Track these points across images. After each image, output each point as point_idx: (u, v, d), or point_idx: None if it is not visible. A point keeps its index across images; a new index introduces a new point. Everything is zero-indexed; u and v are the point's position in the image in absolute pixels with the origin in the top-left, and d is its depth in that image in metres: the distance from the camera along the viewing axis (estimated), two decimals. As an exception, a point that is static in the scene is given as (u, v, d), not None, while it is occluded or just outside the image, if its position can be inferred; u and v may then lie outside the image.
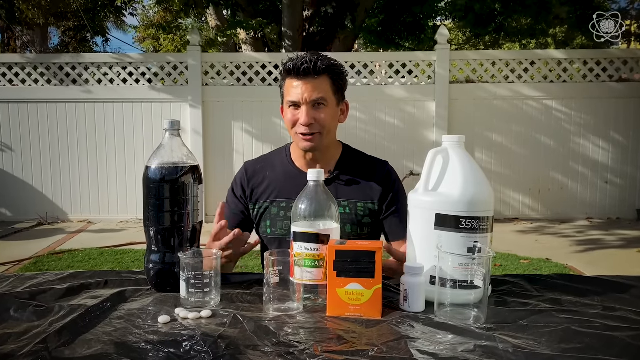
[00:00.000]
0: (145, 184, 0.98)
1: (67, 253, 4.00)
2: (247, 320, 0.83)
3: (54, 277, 1.07)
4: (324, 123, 1.29)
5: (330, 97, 1.30)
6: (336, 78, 1.31)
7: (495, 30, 7.45)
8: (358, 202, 1.32)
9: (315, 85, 1.27)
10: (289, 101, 1.30)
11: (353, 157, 1.40)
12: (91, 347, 0.74)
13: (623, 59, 5.27)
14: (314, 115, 1.28)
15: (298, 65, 1.27)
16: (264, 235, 1.37)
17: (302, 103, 1.27)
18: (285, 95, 1.33)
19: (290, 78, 1.30)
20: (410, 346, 0.74)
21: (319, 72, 1.27)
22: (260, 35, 6.27)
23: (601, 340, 0.76)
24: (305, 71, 1.26)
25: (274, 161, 1.42)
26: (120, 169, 5.37)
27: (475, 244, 0.89)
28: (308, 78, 1.27)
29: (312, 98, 1.27)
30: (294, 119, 1.29)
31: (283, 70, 1.32)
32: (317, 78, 1.27)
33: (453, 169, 0.94)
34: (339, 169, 1.36)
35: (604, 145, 5.33)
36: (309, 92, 1.27)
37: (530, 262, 3.72)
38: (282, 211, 1.34)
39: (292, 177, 1.36)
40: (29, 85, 5.32)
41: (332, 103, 1.31)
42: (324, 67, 1.27)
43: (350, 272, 0.87)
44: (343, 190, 1.34)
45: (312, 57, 1.28)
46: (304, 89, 1.27)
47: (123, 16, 8.18)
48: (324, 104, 1.29)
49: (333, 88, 1.31)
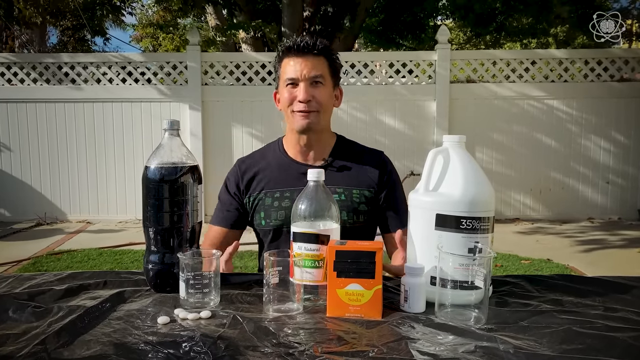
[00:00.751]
0: (144, 184, 0.98)
1: (66, 253, 4.00)
2: (247, 321, 0.83)
3: (53, 277, 1.07)
4: (321, 101, 1.28)
5: (328, 78, 1.30)
6: (333, 61, 1.32)
7: (496, 29, 7.44)
8: (353, 189, 1.31)
9: (314, 63, 1.27)
10: (287, 79, 1.29)
11: (348, 146, 1.40)
12: (90, 348, 0.74)
13: (624, 58, 5.27)
14: (312, 93, 1.27)
15: (298, 43, 1.27)
16: (258, 227, 1.35)
17: (301, 80, 1.27)
18: (282, 74, 1.31)
19: (288, 57, 1.29)
20: (411, 347, 0.74)
21: (319, 50, 1.28)
22: (260, 34, 6.27)
23: (602, 341, 0.76)
24: (304, 47, 1.26)
25: (266, 153, 1.41)
26: (120, 169, 5.37)
27: (476, 244, 0.89)
28: (307, 55, 1.27)
29: (310, 74, 1.26)
30: (291, 96, 1.28)
31: (281, 51, 1.31)
32: (316, 56, 1.28)
33: (454, 169, 0.93)
34: (333, 157, 1.35)
35: (605, 145, 5.32)
36: (308, 69, 1.26)
37: (531, 262, 3.71)
38: (276, 201, 1.32)
39: (285, 167, 1.35)
40: (27, 85, 5.31)
41: (329, 84, 1.31)
42: (322, 47, 1.28)
43: (350, 272, 0.86)
44: (337, 177, 1.32)
45: (312, 37, 1.29)
46: (302, 65, 1.27)
47: (122, 15, 8.17)
48: (322, 83, 1.28)
49: (330, 70, 1.31)
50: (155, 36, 11.07)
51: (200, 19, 9.26)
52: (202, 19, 9.21)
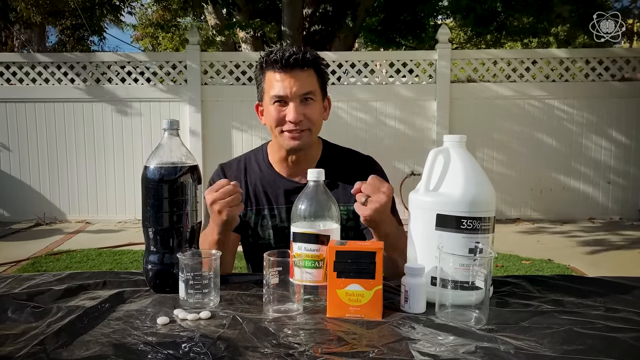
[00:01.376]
0: (143, 184, 0.98)
1: (65, 254, 3.99)
2: (247, 322, 0.83)
3: (52, 277, 1.07)
4: (313, 119, 1.20)
5: (318, 92, 1.22)
6: (321, 72, 1.23)
7: (497, 29, 7.44)
8: (340, 205, 1.19)
9: (304, 79, 1.18)
10: (273, 96, 1.19)
11: (334, 155, 1.31)
12: (89, 349, 0.74)
13: (626, 58, 5.26)
14: (303, 111, 1.19)
15: (285, 56, 1.16)
16: (245, 245, 1.30)
17: (290, 98, 1.18)
18: (266, 90, 1.22)
19: (274, 71, 1.19)
20: (411, 347, 0.74)
21: (307, 64, 1.18)
22: (260, 34, 6.26)
23: (603, 342, 0.76)
24: (294, 63, 1.16)
25: (251, 165, 1.32)
26: (119, 169, 5.36)
27: (477, 244, 0.89)
28: (295, 70, 1.17)
29: (300, 92, 1.18)
30: (280, 116, 1.19)
31: (264, 62, 1.21)
32: (305, 71, 1.18)
33: (454, 168, 0.93)
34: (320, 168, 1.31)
35: (606, 145, 5.31)
36: (298, 86, 1.17)
37: (531, 262, 3.71)
38: (265, 220, 1.26)
39: (271, 183, 1.28)
40: (26, 84, 5.30)
41: (319, 98, 1.23)
42: (311, 59, 1.19)
43: (350, 273, 0.86)
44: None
45: (298, 48, 1.19)
46: (291, 82, 1.17)
47: (121, 15, 8.17)
48: (312, 99, 1.20)
49: (319, 82, 1.23)
50: (154, 36, 11.07)
51: (199, 18, 9.26)
52: (201, 19, 9.21)
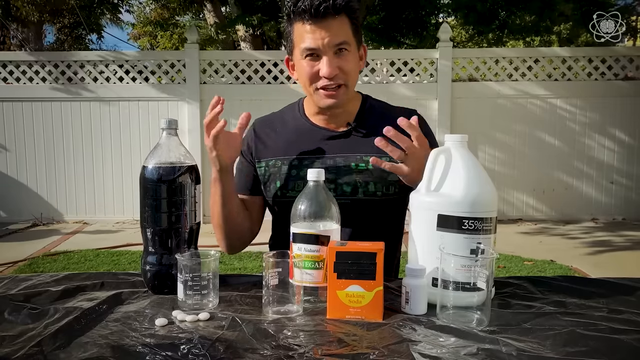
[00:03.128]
0: (142, 184, 0.97)
1: (63, 254, 3.98)
2: (246, 323, 0.82)
3: (49, 278, 1.06)
4: (349, 70, 1.10)
5: (352, 41, 1.11)
6: (355, 17, 1.11)
7: (499, 27, 7.42)
8: (382, 155, 1.07)
9: (337, 27, 1.07)
10: (305, 49, 1.08)
11: (375, 108, 1.23)
12: (87, 351, 0.73)
13: (629, 56, 5.24)
14: (337, 64, 1.08)
15: (315, 5, 1.05)
16: (273, 198, 1.20)
17: (323, 50, 1.07)
18: (296, 43, 1.11)
19: (303, 22, 1.08)
20: (412, 349, 0.73)
21: (339, 10, 1.06)
22: (259, 32, 6.26)
23: (607, 344, 0.75)
24: (324, 11, 1.05)
25: (285, 116, 1.26)
26: (117, 169, 5.35)
27: (478, 245, 0.88)
28: (327, 19, 1.06)
29: (334, 42, 1.07)
30: (313, 71, 1.09)
31: (291, 12, 1.10)
32: (337, 18, 1.07)
33: (456, 168, 0.92)
34: (358, 121, 1.19)
35: (609, 144, 5.29)
36: (331, 37, 1.06)
37: (534, 263, 3.70)
38: (294, 170, 1.17)
39: (305, 133, 1.20)
40: (23, 83, 5.29)
41: (354, 47, 1.12)
42: (343, 4, 1.07)
43: (350, 274, 0.85)
44: (364, 143, 1.15)
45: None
46: (323, 33, 1.06)
47: (119, 13, 8.18)
48: (347, 49, 1.09)
49: (353, 29, 1.11)
50: (153, 34, 11.08)
51: (198, 16, 9.26)
52: (200, 17, 9.22)
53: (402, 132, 1.03)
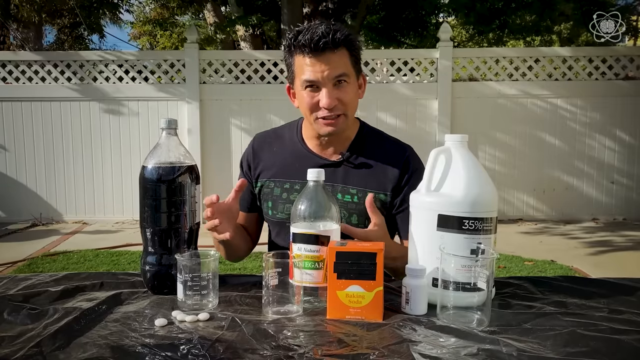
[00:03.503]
0: (141, 184, 0.97)
1: (62, 254, 3.97)
2: (246, 323, 0.82)
3: (49, 278, 1.06)
4: (347, 101, 1.14)
5: (351, 72, 1.15)
6: (354, 49, 1.15)
7: (499, 27, 7.41)
8: (369, 190, 1.16)
9: (336, 61, 1.11)
10: (305, 81, 1.13)
11: (370, 138, 1.25)
12: (86, 351, 0.73)
13: (629, 56, 5.23)
14: (336, 96, 1.13)
15: (315, 39, 1.09)
16: (265, 216, 1.27)
17: (322, 83, 1.11)
18: (297, 73, 1.16)
19: (303, 55, 1.12)
20: (412, 350, 0.73)
21: (338, 44, 1.11)
22: (259, 32, 6.26)
23: (607, 344, 0.75)
24: (323, 45, 1.09)
25: (284, 136, 1.29)
26: (116, 169, 5.33)
27: (479, 245, 0.88)
28: (326, 53, 1.10)
29: (333, 75, 1.11)
30: (313, 101, 1.14)
31: (291, 44, 1.14)
32: (336, 52, 1.11)
33: (456, 168, 0.92)
34: (352, 151, 1.22)
35: (610, 144, 5.28)
36: (330, 70, 1.11)
37: (534, 263, 3.69)
38: (285, 193, 1.21)
39: (299, 157, 1.23)
40: (22, 83, 5.27)
41: (353, 78, 1.17)
42: (341, 38, 1.11)
43: (350, 274, 0.85)
44: (353, 175, 1.20)
45: (327, 27, 1.11)
46: (323, 66, 1.10)
47: (119, 12, 8.16)
48: (346, 81, 1.14)
49: (352, 61, 1.15)
50: (152, 34, 11.07)
51: (198, 16, 9.25)
52: (200, 17, 9.21)
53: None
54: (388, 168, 1.20)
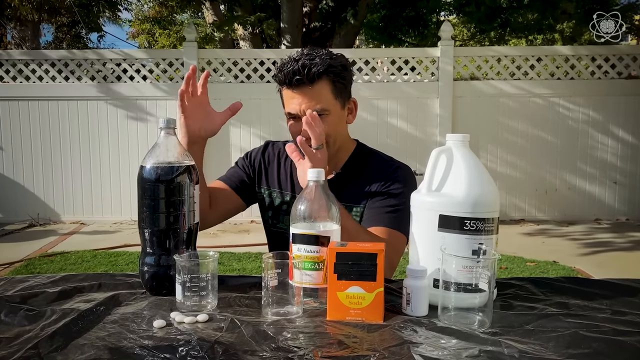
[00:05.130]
0: (139, 184, 0.96)
1: (60, 255, 3.97)
2: (245, 325, 0.81)
3: (46, 279, 1.06)
4: (328, 133, 1.17)
5: (332, 103, 1.19)
6: (337, 79, 1.18)
7: (501, 25, 7.40)
8: (354, 206, 1.22)
9: (313, 96, 1.15)
10: (287, 113, 1.21)
11: (364, 158, 1.29)
12: (84, 353, 0.72)
13: (632, 55, 5.21)
14: None
15: (290, 76, 1.14)
16: (265, 224, 1.33)
17: (302, 115, 1.16)
18: (284, 104, 1.23)
19: (285, 87, 1.19)
20: (413, 351, 0.73)
21: (314, 79, 1.14)
22: (259, 30, 6.25)
23: (610, 345, 0.74)
24: (297, 82, 1.14)
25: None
26: (114, 169, 5.32)
27: (480, 246, 0.87)
28: (302, 88, 1.15)
29: (311, 109, 1.15)
30: (295, 130, 1.20)
31: (276, 76, 1.21)
32: (314, 86, 1.15)
33: (457, 168, 0.91)
34: (345, 170, 1.27)
35: (612, 144, 5.27)
36: (307, 104, 1.15)
37: (536, 264, 3.68)
38: (285, 205, 1.27)
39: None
40: (19, 82, 5.27)
41: (336, 108, 1.20)
42: (320, 71, 1.14)
43: (351, 275, 0.85)
44: (345, 192, 1.24)
45: (305, 61, 1.14)
46: (301, 99, 1.16)
47: (118, 11, 8.15)
48: (325, 114, 1.17)
49: (334, 92, 1.19)
50: (151, 32, 11.07)
51: (197, 14, 9.24)
52: (199, 15, 9.20)
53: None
54: (373, 182, 1.24)
